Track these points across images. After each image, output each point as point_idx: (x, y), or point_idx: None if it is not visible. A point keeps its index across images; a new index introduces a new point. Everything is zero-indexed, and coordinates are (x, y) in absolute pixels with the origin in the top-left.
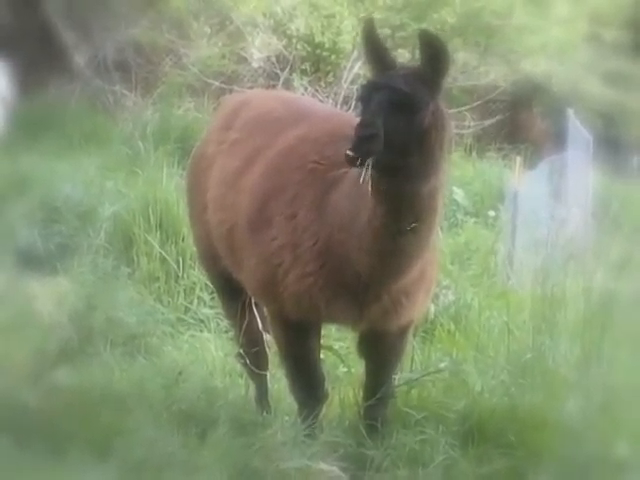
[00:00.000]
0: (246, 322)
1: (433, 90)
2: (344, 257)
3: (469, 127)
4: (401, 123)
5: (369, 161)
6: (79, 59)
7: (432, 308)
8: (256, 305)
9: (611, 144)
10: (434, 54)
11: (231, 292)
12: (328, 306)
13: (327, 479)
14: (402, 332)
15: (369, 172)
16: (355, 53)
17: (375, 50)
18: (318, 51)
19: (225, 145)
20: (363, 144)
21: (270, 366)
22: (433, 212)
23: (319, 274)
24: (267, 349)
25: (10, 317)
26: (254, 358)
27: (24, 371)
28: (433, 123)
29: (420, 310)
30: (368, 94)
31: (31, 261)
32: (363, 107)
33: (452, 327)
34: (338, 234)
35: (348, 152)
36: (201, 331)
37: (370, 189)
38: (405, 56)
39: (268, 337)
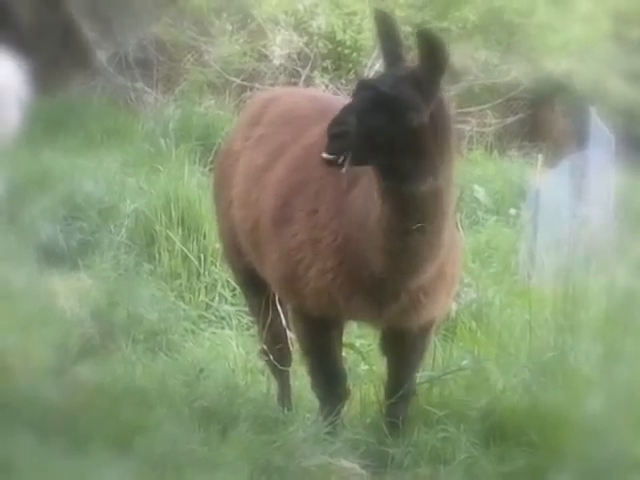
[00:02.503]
0: (270, 319)
1: (429, 91)
2: (361, 255)
3: (490, 125)
4: (382, 122)
5: (345, 158)
6: (101, 56)
7: (454, 306)
8: (280, 302)
9: (633, 142)
10: (431, 55)
11: (255, 288)
12: (347, 303)
13: (348, 476)
14: (424, 330)
15: (345, 168)
16: (376, 51)
17: (387, 43)
18: (339, 49)
19: (251, 141)
20: (333, 142)
21: (292, 363)
22: (440, 212)
23: (338, 270)
24: (290, 346)
25: (32, 313)
26: (277, 355)
27: (46, 367)
28: (428, 124)
29: (442, 309)
30: (355, 92)
31: (53, 257)
32: (344, 105)
33: (474, 325)
34: (356, 232)
35: (324, 156)
36: (222, 328)
37: (376, 189)
38: None
39: (292, 334)
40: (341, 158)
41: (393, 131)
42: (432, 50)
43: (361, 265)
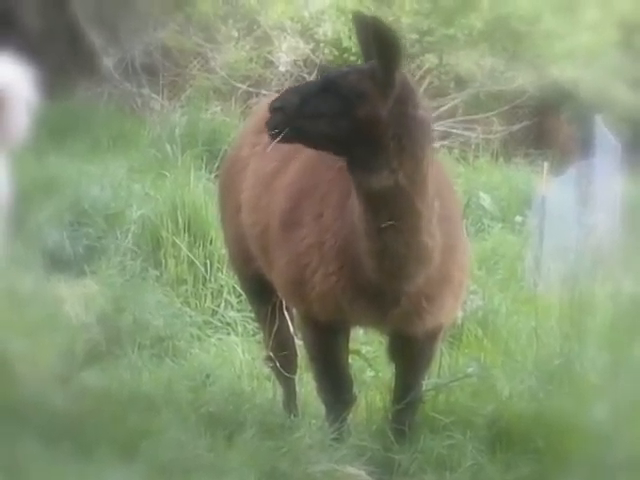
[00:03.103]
0: (276, 325)
1: (385, 85)
2: (358, 257)
3: (496, 132)
4: (327, 107)
5: (276, 132)
6: (107, 62)
7: (460, 313)
8: (287, 308)
9: (639, 150)
10: (384, 48)
11: (262, 295)
12: (351, 306)
13: None
14: (431, 337)
15: (276, 140)
16: None
17: (367, 45)
18: (345, 55)
19: (259, 147)
20: (271, 115)
21: (298, 369)
22: (409, 210)
23: (340, 274)
24: (297, 352)
25: (39, 319)
26: (283, 361)
27: (52, 372)
28: (385, 118)
29: (449, 315)
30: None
31: (59, 263)
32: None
33: (480, 332)
34: (353, 234)
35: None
36: (228, 334)
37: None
38: (432, 61)
39: (299, 341)
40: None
41: (338, 118)
42: (385, 43)
43: (360, 268)
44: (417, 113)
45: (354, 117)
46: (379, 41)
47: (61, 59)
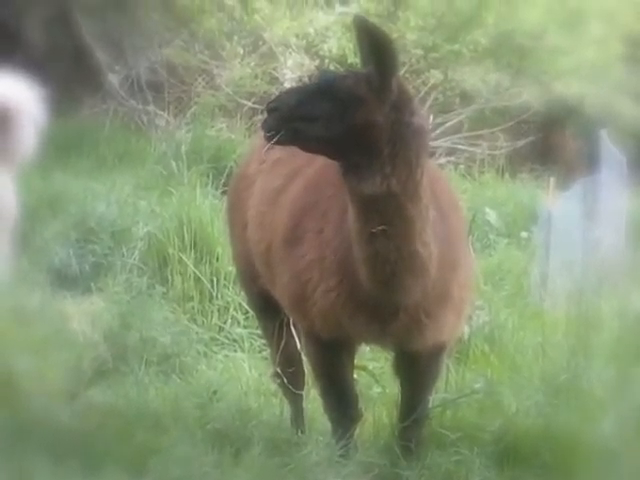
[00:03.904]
0: (283, 342)
1: (381, 90)
2: (356, 272)
3: (502, 148)
4: (322, 110)
5: (271, 134)
6: (113, 79)
7: (466, 329)
8: (294, 325)
9: None
10: (379, 53)
11: (269, 311)
12: (351, 322)
13: None
14: (436, 353)
15: (271, 142)
16: None
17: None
18: None
19: (266, 164)
20: (267, 117)
21: (305, 386)
22: (400, 217)
23: (340, 289)
24: (304, 369)
25: (45, 336)
26: (290, 377)
27: (59, 390)
28: (380, 123)
29: (451, 332)
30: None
31: (65, 280)
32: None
33: (486, 348)
34: (351, 249)
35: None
36: (235, 351)
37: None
38: (437, 77)
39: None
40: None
41: (334, 122)
42: (381, 48)
43: (358, 282)
44: (413, 120)
45: (349, 121)
46: (375, 46)
47: (66, 76)
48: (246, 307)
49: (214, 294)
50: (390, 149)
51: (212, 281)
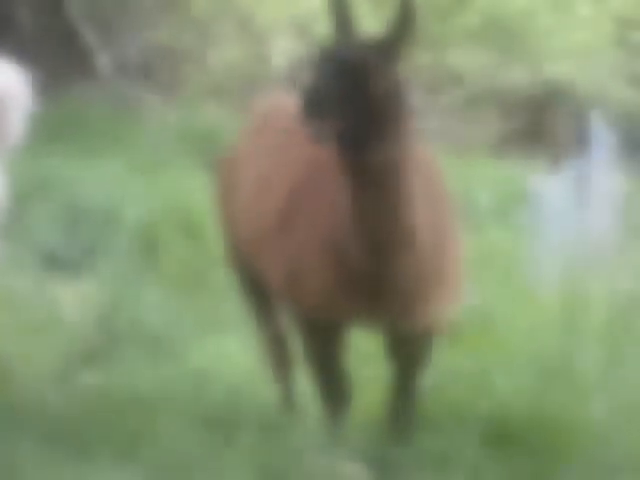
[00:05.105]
0: (273, 325)
1: (394, 57)
2: (349, 248)
3: (492, 129)
4: (349, 90)
5: (316, 127)
6: (102, 61)
7: (457, 311)
8: (282, 308)
9: (636, 147)
10: (406, 22)
11: (258, 294)
12: (345, 304)
13: None
14: (428, 337)
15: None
16: None
17: (339, 16)
18: None
19: (256, 149)
20: (306, 109)
21: (295, 368)
22: (396, 187)
23: (334, 269)
24: (293, 351)
25: (36, 320)
26: (281, 360)
27: (50, 373)
28: (386, 91)
29: (444, 314)
30: (317, 62)
31: (55, 264)
32: (311, 75)
33: (477, 330)
34: (344, 227)
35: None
36: (226, 334)
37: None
38: (427, 58)
39: (295, 339)
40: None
41: (361, 98)
42: (408, 18)
43: (352, 260)
44: (406, 86)
45: (372, 94)
46: (403, 15)
47: (55, 59)
48: (237, 290)
49: (205, 277)
50: (391, 116)
51: (203, 264)
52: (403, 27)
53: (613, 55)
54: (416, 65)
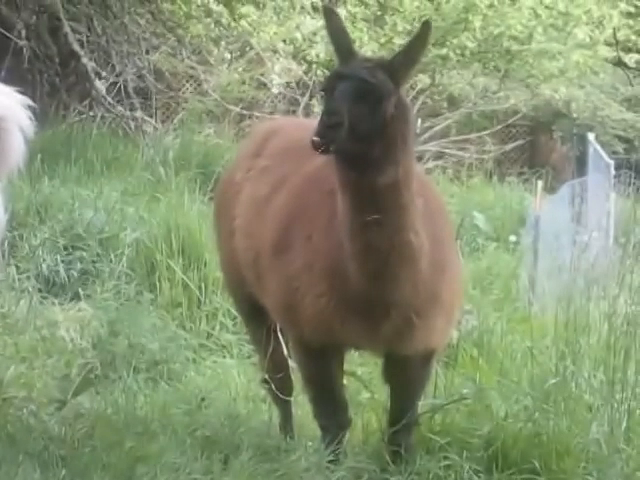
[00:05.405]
0: (271, 348)
1: (398, 80)
2: (347, 276)
3: (490, 152)
4: (364, 112)
5: (332, 148)
6: (100, 85)
7: (455, 333)
8: (281, 331)
9: (632, 168)
10: (419, 45)
11: (257, 318)
12: (343, 326)
13: None
14: (426, 358)
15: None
16: None
17: (339, 40)
18: None
19: (253, 172)
20: (328, 131)
21: (294, 392)
22: (397, 206)
23: (330, 294)
24: (292, 375)
25: (33, 343)
26: (279, 384)
27: (47, 396)
28: (395, 114)
29: (441, 337)
30: (333, 83)
31: (53, 287)
32: (327, 96)
33: (475, 352)
34: (341, 253)
35: (314, 138)
36: (224, 357)
37: (337, 182)
38: (425, 81)
39: (293, 363)
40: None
41: (375, 121)
42: (421, 43)
43: (349, 284)
44: (410, 107)
45: (384, 117)
46: (419, 39)
47: (54, 83)
48: (234, 313)
49: (202, 300)
50: (401, 139)
51: (200, 287)
52: (416, 52)
53: (609, 78)
54: (414, 88)
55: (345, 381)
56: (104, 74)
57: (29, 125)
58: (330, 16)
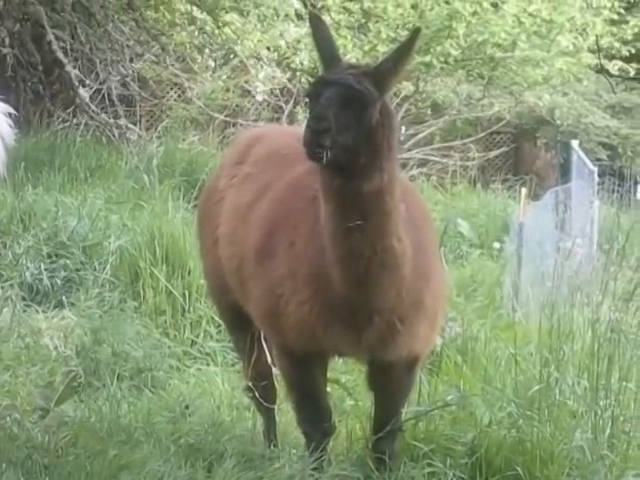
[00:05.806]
0: (255, 355)
1: (383, 87)
2: (329, 283)
3: (474, 159)
4: (350, 119)
5: (323, 154)
6: (84, 93)
7: (439, 340)
8: (265, 338)
9: (615, 175)
10: (405, 53)
11: (240, 325)
12: (326, 333)
13: None
14: (410, 366)
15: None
16: None
17: (325, 47)
18: None
19: (237, 179)
20: (316, 137)
21: (277, 400)
22: (380, 212)
23: (313, 301)
24: (275, 382)
25: (17, 351)
26: (263, 391)
27: (31, 404)
28: (380, 121)
29: (424, 343)
30: (318, 90)
31: (37, 295)
32: (313, 102)
33: (459, 359)
34: (323, 260)
35: (307, 149)
36: (207, 365)
37: (321, 189)
38: (409, 89)
39: (276, 371)
40: (324, 154)
41: (361, 128)
42: (409, 50)
43: (332, 291)
44: (395, 114)
45: (370, 124)
46: (406, 47)
47: (37, 91)
48: (218, 321)
49: (186, 308)
50: (386, 146)
51: (184, 295)
52: (402, 60)
53: (593, 85)
54: (398, 96)
55: (329, 388)
56: (88, 82)
57: (10, 133)
58: (316, 23)
